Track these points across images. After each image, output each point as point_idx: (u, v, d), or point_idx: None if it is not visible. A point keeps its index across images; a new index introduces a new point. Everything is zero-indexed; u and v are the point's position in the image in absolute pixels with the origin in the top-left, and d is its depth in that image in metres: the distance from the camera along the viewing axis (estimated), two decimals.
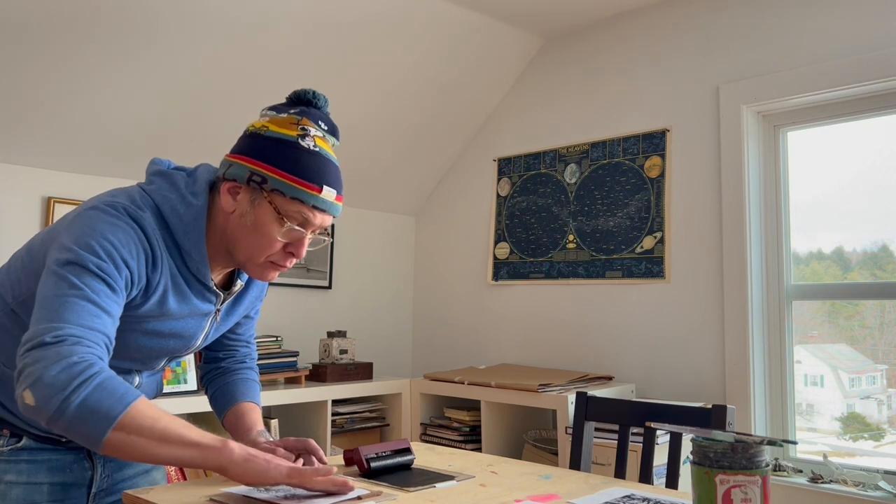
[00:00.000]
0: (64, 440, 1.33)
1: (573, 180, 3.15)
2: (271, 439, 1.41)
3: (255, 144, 1.24)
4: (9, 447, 1.27)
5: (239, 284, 1.41)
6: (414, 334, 3.77)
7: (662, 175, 2.86)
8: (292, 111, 1.27)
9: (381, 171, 3.47)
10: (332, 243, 3.41)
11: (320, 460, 1.37)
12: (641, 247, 2.90)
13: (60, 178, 2.65)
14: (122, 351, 1.29)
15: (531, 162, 3.31)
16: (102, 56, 2.41)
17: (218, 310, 1.38)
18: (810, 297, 2.62)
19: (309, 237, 1.27)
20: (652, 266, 2.86)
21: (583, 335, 3.06)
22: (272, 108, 1.29)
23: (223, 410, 1.52)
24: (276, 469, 1.15)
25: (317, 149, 1.24)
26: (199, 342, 1.40)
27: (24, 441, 1.29)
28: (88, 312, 1.11)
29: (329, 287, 3.42)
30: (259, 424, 1.47)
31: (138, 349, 1.30)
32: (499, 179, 3.45)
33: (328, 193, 1.24)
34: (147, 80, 2.55)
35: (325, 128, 1.28)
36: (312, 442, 1.38)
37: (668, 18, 2.92)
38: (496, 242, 3.42)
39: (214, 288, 1.33)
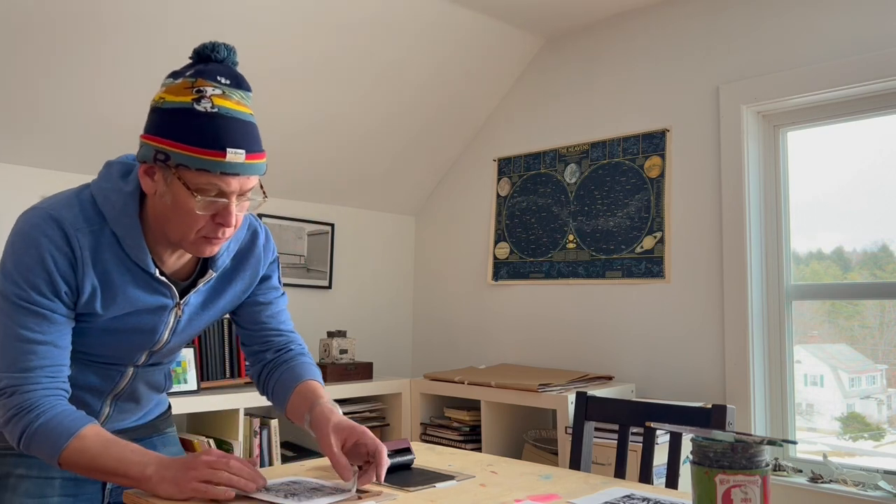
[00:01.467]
0: None
1: (573, 180, 3.15)
2: (337, 411, 1.33)
3: (155, 119, 1.17)
4: None
5: (210, 273, 1.33)
6: (414, 334, 3.77)
7: (662, 175, 2.86)
8: (188, 74, 1.17)
9: (381, 171, 3.47)
10: (332, 241, 3.42)
11: (378, 477, 1.28)
12: (641, 247, 2.90)
13: (60, 178, 2.65)
14: (96, 347, 1.30)
15: (531, 162, 3.31)
16: (102, 56, 2.41)
17: (178, 303, 1.32)
18: (810, 297, 2.62)
19: (235, 204, 1.18)
20: (652, 266, 2.86)
21: (583, 335, 3.06)
22: (171, 75, 1.19)
23: (283, 405, 1.42)
24: (180, 495, 1.15)
25: (214, 109, 1.13)
26: (167, 336, 1.35)
27: None
28: (21, 353, 1.19)
29: (329, 287, 3.42)
30: (322, 398, 1.35)
31: (104, 345, 1.30)
32: (499, 179, 3.45)
33: (234, 156, 1.13)
34: (147, 79, 2.55)
35: (227, 82, 1.17)
36: (384, 452, 1.29)
37: (668, 18, 2.92)
38: (496, 242, 3.42)
39: (160, 276, 1.27)
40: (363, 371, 3.08)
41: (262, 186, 1.23)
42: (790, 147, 2.69)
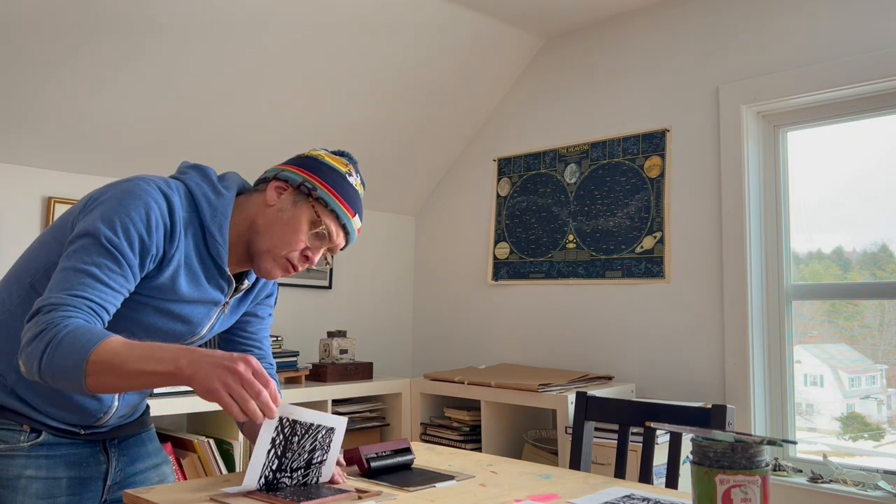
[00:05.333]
0: (82, 434, 1.38)
1: (573, 180, 3.15)
2: None
3: (312, 164, 1.44)
4: (28, 442, 1.31)
5: (246, 283, 1.49)
6: (414, 334, 3.77)
7: (662, 175, 2.86)
8: (342, 157, 1.50)
9: (381, 171, 3.47)
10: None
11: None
12: (641, 247, 2.90)
13: (60, 178, 2.65)
14: (132, 329, 1.32)
15: (531, 162, 3.31)
16: (103, 56, 2.41)
17: (227, 302, 1.45)
18: (810, 297, 2.62)
19: (324, 250, 1.44)
20: (652, 266, 2.86)
21: (583, 335, 3.06)
22: (323, 148, 1.52)
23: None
24: (214, 389, 1.10)
25: (356, 188, 1.47)
26: (205, 332, 1.45)
27: (44, 436, 1.33)
28: (79, 282, 1.19)
29: (329, 287, 3.42)
30: None
31: (147, 328, 1.34)
32: (499, 179, 3.45)
33: (357, 221, 1.46)
34: (147, 79, 2.55)
35: (361, 180, 1.50)
36: None
37: (668, 18, 2.92)
38: (496, 242, 3.42)
39: (228, 274, 1.40)
40: (363, 371, 3.08)
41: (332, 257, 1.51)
42: (790, 147, 2.69)
